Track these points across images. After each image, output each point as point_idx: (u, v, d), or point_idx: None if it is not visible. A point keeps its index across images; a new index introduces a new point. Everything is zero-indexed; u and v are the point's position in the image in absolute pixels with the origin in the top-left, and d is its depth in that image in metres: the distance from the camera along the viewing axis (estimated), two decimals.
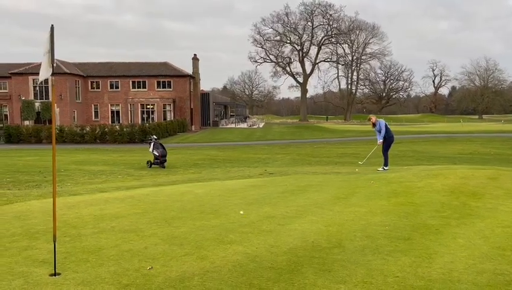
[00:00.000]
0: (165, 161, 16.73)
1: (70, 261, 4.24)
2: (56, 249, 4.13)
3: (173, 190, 8.86)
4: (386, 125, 11.91)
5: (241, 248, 4.69)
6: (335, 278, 3.86)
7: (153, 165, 16.73)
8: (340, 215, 6.20)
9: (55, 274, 3.90)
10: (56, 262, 4.02)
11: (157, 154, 16.69)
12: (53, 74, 3.83)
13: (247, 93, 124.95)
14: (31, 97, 45.90)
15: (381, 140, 11.94)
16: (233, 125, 62.75)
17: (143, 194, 8.25)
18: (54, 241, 4.02)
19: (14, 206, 6.97)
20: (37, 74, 46.15)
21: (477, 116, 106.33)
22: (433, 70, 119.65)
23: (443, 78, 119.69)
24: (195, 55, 54.68)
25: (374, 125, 12.11)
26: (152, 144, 17.07)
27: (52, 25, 3.80)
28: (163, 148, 16.98)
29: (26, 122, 43.08)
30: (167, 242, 4.90)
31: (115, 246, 4.75)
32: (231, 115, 78.17)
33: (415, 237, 5.02)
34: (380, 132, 11.92)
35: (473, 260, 4.25)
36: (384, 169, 11.63)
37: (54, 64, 3.81)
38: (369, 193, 7.91)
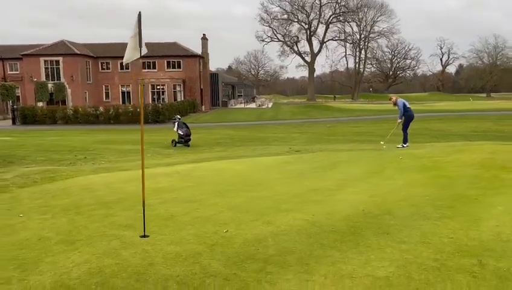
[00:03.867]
0: (190, 140, 17.22)
1: (152, 226, 4.70)
2: (140, 215, 4.59)
3: (212, 166, 9.32)
4: (404, 105, 12.29)
5: (299, 215, 5.13)
6: (395, 239, 4.30)
7: (177, 144, 17.22)
8: (379, 187, 6.62)
9: (144, 236, 4.37)
10: (144, 226, 4.49)
11: (181, 133, 17.17)
12: (141, 56, 4.21)
13: (253, 73, 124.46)
14: (43, 78, 46.23)
15: (400, 120, 12.40)
16: (242, 106, 62.95)
17: (186, 169, 8.72)
18: (143, 207, 4.48)
19: (76, 180, 7.47)
20: (48, 55, 45.98)
21: (485, 95, 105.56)
22: (441, 48, 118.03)
23: (451, 56, 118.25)
24: (204, 35, 54.47)
25: (394, 104, 12.57)
26: (176, 123, 17.55)
27: (139, 12, 4.18)
28: (187, 127, 17.45)
29: (40, 104, 43.55)
30: (231, 210, 5.36)
31: (185, 214, 5.22)
32: (239, 96, 78.25)
33: (458, 206, 5.43)
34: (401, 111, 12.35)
35: None
36: (403, 146, 12.02)
37: (142, 48, 4.19)
38: (400, 168, 8.31)
